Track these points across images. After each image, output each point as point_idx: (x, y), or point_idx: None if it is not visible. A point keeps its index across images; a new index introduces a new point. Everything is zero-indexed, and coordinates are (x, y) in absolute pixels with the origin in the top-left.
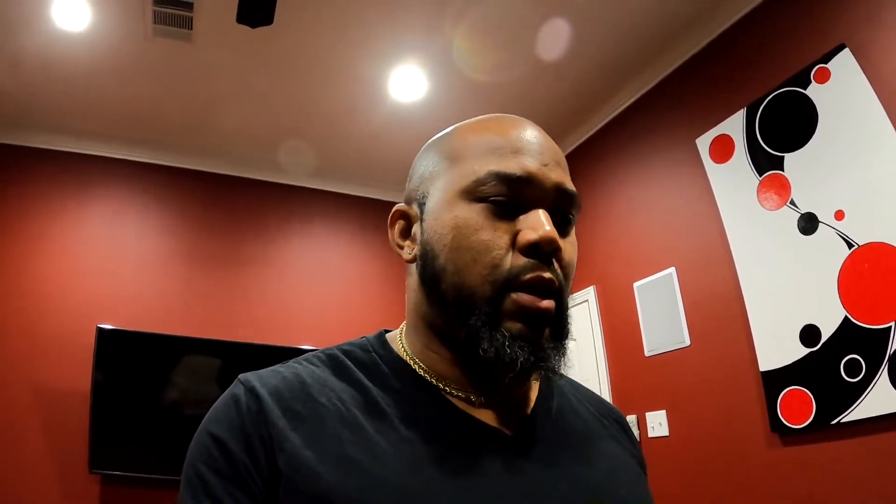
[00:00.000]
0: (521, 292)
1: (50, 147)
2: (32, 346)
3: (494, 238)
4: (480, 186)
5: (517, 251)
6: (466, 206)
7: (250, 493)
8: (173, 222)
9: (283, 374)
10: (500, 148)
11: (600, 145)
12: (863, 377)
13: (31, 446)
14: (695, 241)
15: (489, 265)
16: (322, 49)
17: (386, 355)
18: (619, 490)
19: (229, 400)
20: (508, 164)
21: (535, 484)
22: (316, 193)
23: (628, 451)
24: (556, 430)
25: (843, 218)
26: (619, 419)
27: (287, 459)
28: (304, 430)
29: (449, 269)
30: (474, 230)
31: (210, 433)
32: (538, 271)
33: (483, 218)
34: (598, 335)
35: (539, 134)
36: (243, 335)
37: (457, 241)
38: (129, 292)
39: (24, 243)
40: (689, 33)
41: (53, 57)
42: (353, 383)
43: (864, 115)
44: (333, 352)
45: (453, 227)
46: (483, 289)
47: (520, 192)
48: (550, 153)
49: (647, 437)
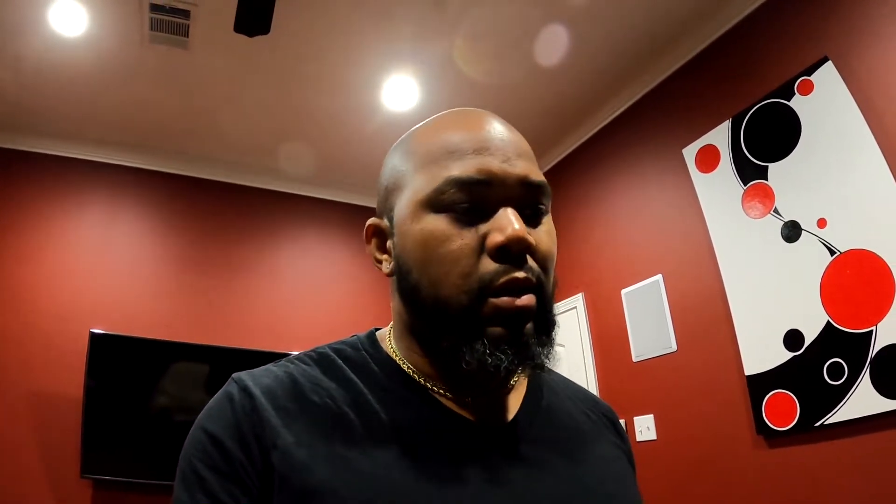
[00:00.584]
0: (498, 296)
1: (43, 151)
2: (25, 350)
3: (462, 247)
4: (441, 196)
5: (487, 255)
6: (431, 217)
7: (246, 488)
8: (166, 227)
9: (275, 372)
10: (457, 150)
11: (589, 155)
12: (845, 380)
13: (23, 451)
14: (681, 248)
15: (461, 275)
16: (316, 58)
17: (376, 354)
18: (607, 487)
19: (224, 398)
20: (466, 168)
21: (522, 481)
22: (309, 200)
23: (618, 447)
24: (544, 427)
25: (826, 226)
26: (608, 415)
27: (280, 456)
28: (296, 428)
29: (423, 283)
30: (440, 241)
31: (205, 430)
32: (511, 273)
33: (448, 227)
34: (587, 341)
35: (500, 127)
36: (234, 340)
37: (426, 254)
38: (121, 297)
39: (17, 248)
40: (677, 46)
41: (50, 61)
42: (344, 382)
43: (846, 126)
44: (325, 350)
45: (420, 241)
46: (459, 299)
47: (482, 194)
48: (512, 146)
49: (636, 441)
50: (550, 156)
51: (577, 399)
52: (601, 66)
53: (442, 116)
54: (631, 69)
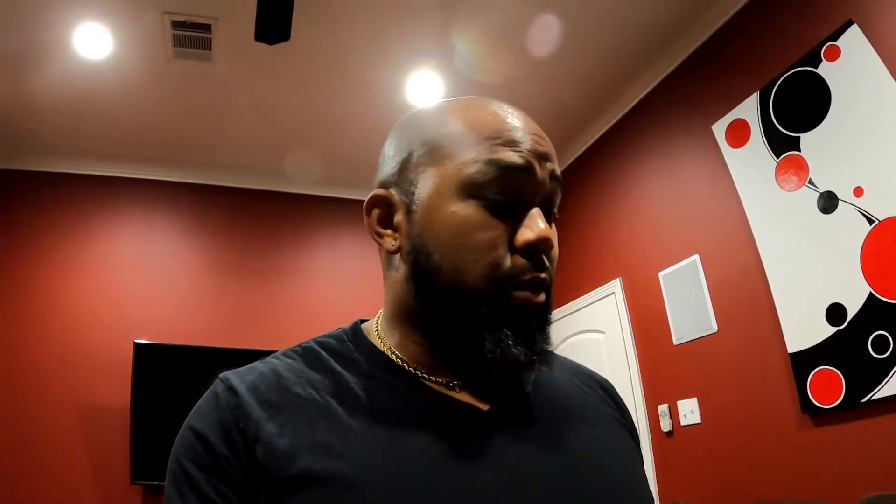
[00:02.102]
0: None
1: (78, 171)
2: (72, 364)
3: (494, 238)
4: (479, 178)
5: (515, 250)
6: (464, 203)
7: (232, 484)
8: (201, 236)
9: (259, 369)
10: (494, 136)
11: (617, 140)
12: (891, 353)
13: (74, 461)
14: (716, 227)
15: (491, 265)
16: (339, 59)
17: (361, 344)
18: (602, 458)
19: (210, 397)
20: (508, 154)
21: (512, 459)
22: (339, 202)
23: (616, 420)
24: (536, 405)
25: (863, 194)
26: (605, 386)
27: (263, 448)
28: (280, 420)
29: (446, 268)
30: (474, 229)
31: (192, 428)
32: (536, 272)
33: (483, 216)
34: (627, 327)
35: (529, 120)
36: (274, 343)
37: (456, 240)
38: (162, 307)
39: (59, 265)
40: (699, 22)
41: (78, 85)
42: (328, 372)
43: (876, 90)
44: (309, 344)
45: (451, 225)
46: (484, 289)
47: (518, 185)
48: (547, 143)
49: (680, 425)
50: (579, 144)
51: (572, 374)
52: (623, 49)
53: (468, 101)
54: (652, 50)
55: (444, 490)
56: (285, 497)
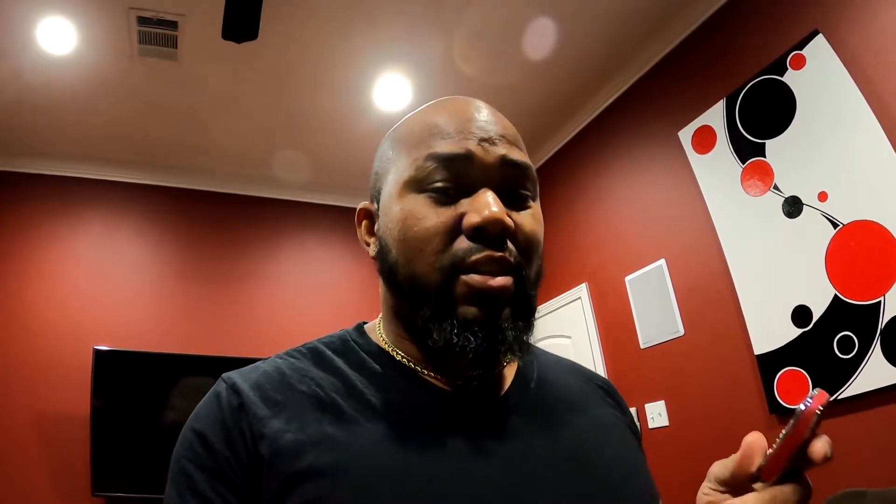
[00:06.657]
0: (470, 274)
1: (39, 172)
2: (30, 370)
3: (437, 225)
4: (421, 174)
5: (464, 236)
6: (412, 197)
7: (232, 486)
8: (165, 241)
9: (263, 368)
10: (440, 131)
11: (585, 145)
12: (856, 353)
13: (33, 472)
14: (683, 231)
15: (433, 252)
16: (307, 61)
17: (365, 344)
18: (604, 451)
19: (212, 397)
20: (447, 146)
21: (513, 451)
22: (306, 206)
23: (617, 417)
24: (536, 399)
25: (827, 199)
26: (603, 385)
27: (268, 445)
28: (284, 417)
29: (401, 262)
30: (417, 220)
31: (193, 429)
32: (487, 251)
33: (426, 206)
34: (593, 331)
35: (485, 110)
36: (242, 350)
37: (403, 232)
38: (124, 313)
39: (16, 269)
40: (666, 28)
41: (40, 80)
42: (332, 371)
43: (840, 98)
44: (314, 344)
45: (399, 220)
46: (432, 277)
47: (462, 173)
48: (496, 128)
49: (648, 428)
50: (546, 148)
51: (571, 372)
52: (590, 55)
53: (432, 103)
54: (621, 55)
55: (450, 483)
56: (292, 492)
